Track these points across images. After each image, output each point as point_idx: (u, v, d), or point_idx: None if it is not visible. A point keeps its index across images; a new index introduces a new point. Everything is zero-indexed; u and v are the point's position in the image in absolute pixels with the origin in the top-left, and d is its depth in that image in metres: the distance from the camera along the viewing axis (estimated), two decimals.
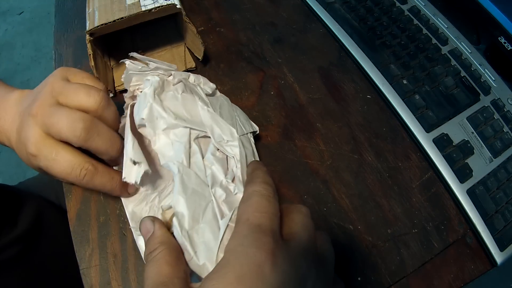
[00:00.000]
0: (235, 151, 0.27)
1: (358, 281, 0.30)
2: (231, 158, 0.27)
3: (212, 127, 0.28)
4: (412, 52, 0.40)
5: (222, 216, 0.23)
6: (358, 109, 0.38)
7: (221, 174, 0.26)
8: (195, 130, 0.27)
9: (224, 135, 0.28)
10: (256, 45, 0.42)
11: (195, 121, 0.28)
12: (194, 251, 0.21)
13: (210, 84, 0.32)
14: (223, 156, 0.27)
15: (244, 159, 0.27)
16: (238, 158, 0.27)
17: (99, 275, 0.28)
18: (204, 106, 0.29)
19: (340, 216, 0.32)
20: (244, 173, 0.26)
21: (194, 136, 0.27)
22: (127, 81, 0.29)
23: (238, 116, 0.32)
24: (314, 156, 0.35)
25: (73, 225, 0.31)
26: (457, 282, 0.31)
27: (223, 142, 0.28)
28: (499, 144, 0.36)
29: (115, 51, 0.39)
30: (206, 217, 0.23)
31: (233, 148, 0.28)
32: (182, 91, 0.29)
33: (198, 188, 0.24)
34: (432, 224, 0.32)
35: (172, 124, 0.26)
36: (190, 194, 0.23)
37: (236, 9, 0.45)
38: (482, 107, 0.38)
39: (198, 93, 0.30)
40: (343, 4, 0.44)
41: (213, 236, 0.22)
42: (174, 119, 0.27)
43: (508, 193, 0.34)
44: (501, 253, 0.31)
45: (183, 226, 0.22)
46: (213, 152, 0.27)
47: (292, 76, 0.40)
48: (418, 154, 0.36)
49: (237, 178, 0.26)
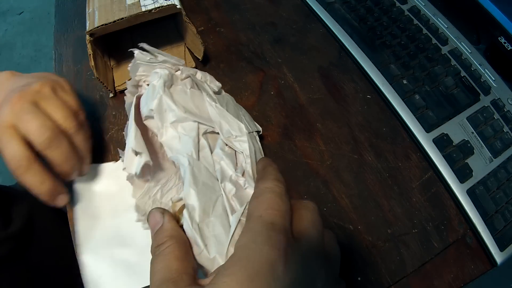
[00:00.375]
0: (244, 146, 0.27)
1: (358, 281, 0.30)
2: (240, 154, 0.27)
3: (221, 123, 0.28)
4: (412, 52, 0.40)
5: (232, 211, 0.23)
6: (358, 109, 0.38)
7: (230, 168, 0.25)
8: (204, 125, 0.27)
9: (233, 130, 0.28)
10: (256, 45, 0.42)
11: (203, 116, 0.28)
12: (204, 244, 0.21)
13: (216, 83, 0.33)
14: (232, 151, 0.27)
15: (254, 154, 0.27)
16: (248, 153, 0.27)
17: None
18: (212, 102, 0.29)
19: (340, 216, 0.32)
20: (254, 168, 0.26)
21: (203, 131, 0.27)
22: (133, 70, 0.29)
23: (244, 115, 0.32)
24: (314, 156, 0.35)
25: (72, 225, 0.31)
26: (457, 282, 0.31)
27: (231, 137, 0.28)
28: (499, 144, 0.36)
29: (115, 51, 0.39)
30: (216, 211, 0.22)
31: (242, 143, 0.27)
32: (191, 86, 0.29)
33: (209, 182, 0.24)
34: (432, 224, 0.32)
35: (182, 117, 0.26)
36: (200, 187, 0.23)
37: (236, 9, 0.45)
38: (482, 107, 0.38)
39: (205, 89, 0.30)
40: (343, 4, 0.44)
41: (224, 230, 0.21)
42: (184, 113, 0.27)
43: (508, 193, 0.34)
44: (501, 253, 0.31)
45: (194, 218, 0.21)
46: (222, 147, 0.27)
47: (292, 76, 0.40)
48: (418, 154, 0.36)
49: (247, 173, 0.26)
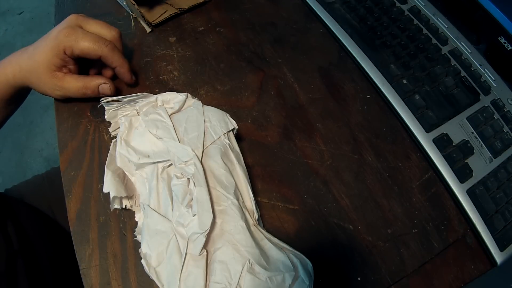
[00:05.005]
0: (192, 170, 0.28)
1: (358, 281, 0.30)
2: (191, 179, 0.28)
3: (172, 153, 0.29)
4: (412, 52, 0.40)
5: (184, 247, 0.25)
6: (358, 109, 0.38)
7: (180, 200, 0.27)
8: (161, 162, 0.29)
9: (182, 157, 0.28)
10: (256, 45, 0.42)
11: (160, 151, 0.29)
12: (162, 284, 0.25)
13: (179, 98, 0.32)
14: (185, 179, 0.28)
15: (201, 175, 0.27)
16: (195, 177, 0.27)
17: (99, 275, 0.28)
18: (159, 136, 0.30)
19: (340, 216, 0.32)
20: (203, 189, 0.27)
21: (161, 168, 0.29)
22: (111, 117, 0.33)
23: (210, 120, 0.31)
24: (314, 156, 0.35)
25: (73, 225, 0.31)
26: (457, 282, 0.31)
27: (182, 164, 0.28)
28: (499, 144, 0.36)
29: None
30: (169, 253, 0.25)
31: (191, 167, 0.28)
32: (145, 126, 0.31)
33: (161, 227, 0.27)
34: (432, 224, 0.32)
35: (139, 164, 0.29)
36: (153, 236, 0.26)
37: (236, 9, 0.45)
38: (482, 107, 0.38)
39: (161, 116, 0.31)
40: (343, 4, 0.44)
41: (175, 269, 0.25)
42: (138, 160, 0.29)
43: (508, 193, 0.34)
44: (501, 253, 0.31)
45: (151, 265, 0.26)
46: (175, 179, 0.28)
47: (292, 76, 0.40)
48: (418, 154, 0.36)
49: (194, 198, 0.26)
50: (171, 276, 0.25)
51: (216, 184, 0.28)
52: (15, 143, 1.26)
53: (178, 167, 0.28)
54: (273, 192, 0.33)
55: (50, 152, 1.24)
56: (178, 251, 0.25)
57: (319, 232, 0.31)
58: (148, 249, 0.26)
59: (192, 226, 0.25)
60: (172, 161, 0.29)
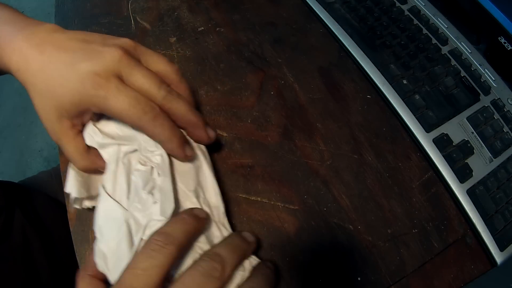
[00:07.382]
0: (158, 160, 0.27)
1: (358, 281, 0.30)
2: (155, 168, 0.27)
3: (140, 140, 0.28)
4: (412, 52, 0.40)
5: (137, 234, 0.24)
6: (358, 109, 0.38)
7: (141, 186, 0.26)
8: (125, 146, 0.28)
9: (149, 146, 0.28)
10: (256, 45, 0.42)
11: (127, 136, 0.28)
12: (108, 270, 0.24)
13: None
14: (148, 167, 0.27)
15: (167, 166, 0.27)
16: (160, 166, 0.27)
17: None
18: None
19: (340, 216, 0.32)
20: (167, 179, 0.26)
21: (124, 153, 0.28)
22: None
23: None
24: (314, 156, 0.35)
25: (73, 225, 0.31)
26: (457, 282, 0.31)
27: (148, 154, 0.28)
28: (499, 144, 0.36)
29: None
30: (118, 240, 0.24)
31: (157, 157, 0.27)
32: None
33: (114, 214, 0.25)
34: (432, 224, 0.33)
35: (101, 144, 0.28)
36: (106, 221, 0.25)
37: (236, 9, 0.45)
38: (482, 107, 0.38)
39: None
40: (343, 4, 0.44)
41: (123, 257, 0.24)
42: (102, 140, 0.28)
43: (508, 193, 0.34)
44: (501, 253, 0.31)
45: (100, 249, 0.24)
46: (138, 165, 0.27)
47: (292, 76, 0.40)
48: (418, 154, 0.36)
49: (157, 187, 0.26)
50: (117, 264, 0.24)
51: (178, 180, 0.27)
52: (15, 143, 1.26)
53: (144, 155, 0.28)
54: (273, 192, 0.33)
55: (50, 152, 1.24)
56: (129, 239, 0.24)
57: (319, 232, 0.31)
58: (99, 234, 0.25)
59: (152, 212, 0.25)
60: (138, 148, 0.28)
